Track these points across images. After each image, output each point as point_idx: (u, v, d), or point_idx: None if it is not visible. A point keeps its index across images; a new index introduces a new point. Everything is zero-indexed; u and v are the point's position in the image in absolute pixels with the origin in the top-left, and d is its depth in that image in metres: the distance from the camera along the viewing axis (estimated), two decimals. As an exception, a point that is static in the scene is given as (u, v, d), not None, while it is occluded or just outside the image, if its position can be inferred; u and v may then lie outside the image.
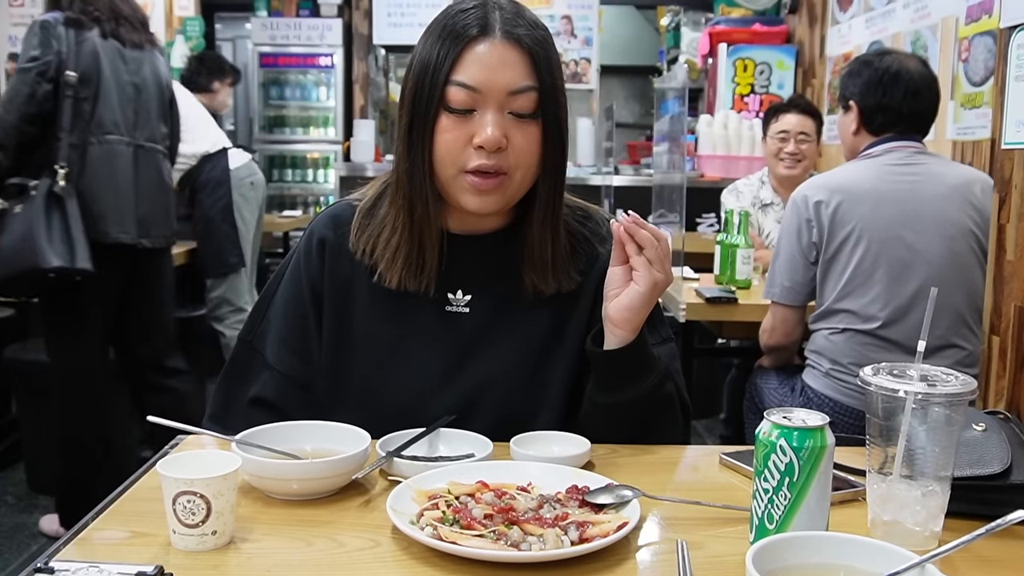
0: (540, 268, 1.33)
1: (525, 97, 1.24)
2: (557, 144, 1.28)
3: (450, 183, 1.27)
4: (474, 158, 1.24)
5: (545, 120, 1.26)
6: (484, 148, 1.22)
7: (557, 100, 1.27)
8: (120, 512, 1.07)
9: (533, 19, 1.28)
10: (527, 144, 1.25)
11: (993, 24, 2.91)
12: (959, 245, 2.31)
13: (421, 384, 1.34)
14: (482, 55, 1.23)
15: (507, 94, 1.23)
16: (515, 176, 1.26)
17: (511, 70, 1.23)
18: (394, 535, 1.01)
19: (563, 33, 6.22)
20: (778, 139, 3.47)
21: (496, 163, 1.23)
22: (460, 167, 1.25)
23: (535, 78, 1.24)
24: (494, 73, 1.22)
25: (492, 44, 1.23)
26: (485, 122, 1.22)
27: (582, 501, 1.07)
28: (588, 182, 5.10)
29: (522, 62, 1.24)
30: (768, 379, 2.65)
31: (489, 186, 1.25)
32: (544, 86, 1.25)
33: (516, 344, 1.35)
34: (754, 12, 5.45)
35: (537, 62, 1.25)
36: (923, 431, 0.99)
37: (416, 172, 1.28)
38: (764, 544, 0.83)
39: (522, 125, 1.25)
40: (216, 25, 7.40)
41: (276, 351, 1.38)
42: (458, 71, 1.23)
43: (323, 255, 1.37)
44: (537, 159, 1.27)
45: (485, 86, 1.22)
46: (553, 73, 1.27)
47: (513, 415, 1.32)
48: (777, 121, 3.49)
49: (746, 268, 3.00)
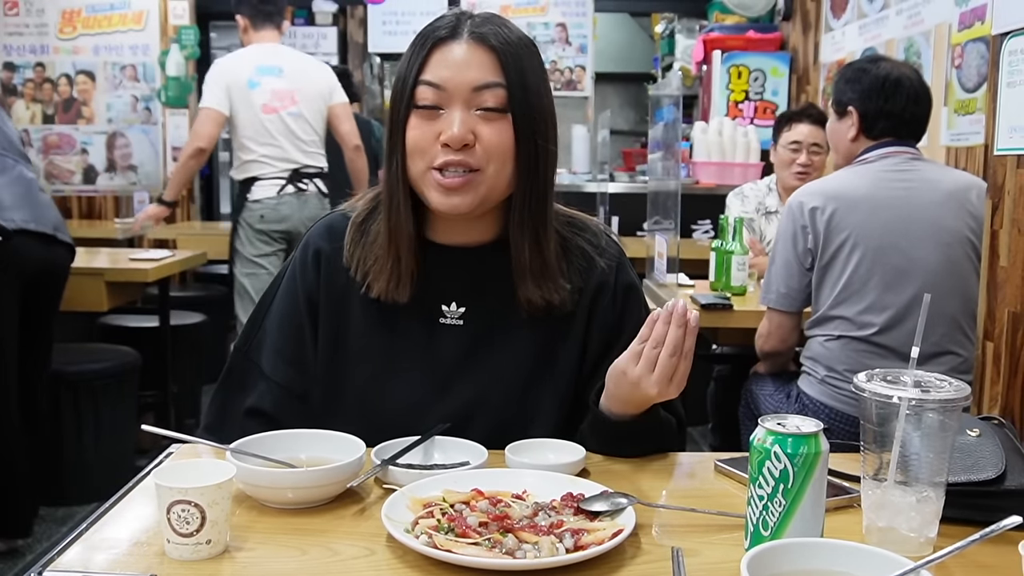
0: (523, 276, 1.32)
1: (491, 93, 1.25)
2: (531, 145, 1.28)
3: (419, 181, 1.28)
4: (441, 155, 1.25)
5: (516, 118, 1.26)
6: (450, 145, 1.23)
7: (528, 100, 1.27)
8: (115, 521, 1.07)
9: (509, 26, 1.30)
10: (496, 139, 1.25)
11: (986, 31, 2.92)
12: (955, 252, 2.31)
13: (415, 396, 1.34)
14: (448, 55, 1.26)
15: (471, 90, 1.24)
16: (487, 172, 1.26)
17: (476, 68, 1.25)
18: (389, 543, 1.01)
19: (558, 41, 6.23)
20: (790, 150, 3.44)
21: (463, 159, 1.24)
22: (428, 164, 1.26)
23: (501, 75, 1.25)
24: (459, 71, 1.25)
25: (458, 44, 1.26)
26: (451, 120, 1.24)
27: (577, 509, 1.07)
28: (583, 189, 5.11)
29: (488, 60, 1.26)
30: (764, 385, 2.65)
31: (455, 184, 1.25)
32: (512, 84, 1.26)
33: (510, 358, 1.35)
34: (748, 19, 5.46)
35: (504, 60, 1.26)
36: (917, 437, 0.99)
37: (392, 176, 1.30)
38: (759, 551, 0.83)
39: (490, 121, 1.26)
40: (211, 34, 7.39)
41: (272, 362, 1.38)
42: (425, 72, 1.26)
43: (319, 266, 1.37)
44: (510, 156, 1.27)
45: (450, 83, 1.24)
46: (524, 73, 1.27)
47: (506, 429, 1.31)
48: (789, 131, 3.44)
49: (741, 274, 3.00)
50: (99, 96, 5.91)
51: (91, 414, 3.33)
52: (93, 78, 5.90)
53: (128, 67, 5.91)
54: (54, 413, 3.26)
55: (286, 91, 3.87)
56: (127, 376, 3.48)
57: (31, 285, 2.90)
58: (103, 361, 3.42)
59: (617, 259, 1.42)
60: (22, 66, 5.89)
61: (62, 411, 3.29)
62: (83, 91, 5.90)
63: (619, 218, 4.68)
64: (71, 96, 5.91)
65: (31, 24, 5.86)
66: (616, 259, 1.41)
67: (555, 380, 1.36)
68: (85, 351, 3.56)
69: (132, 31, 5.88)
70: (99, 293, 3.45)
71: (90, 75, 5.89)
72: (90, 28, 5.85)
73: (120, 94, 5.90)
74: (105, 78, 5.90)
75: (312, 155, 3.92)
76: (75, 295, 3.23)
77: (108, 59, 5.89)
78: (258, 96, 3.83)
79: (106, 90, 5.91)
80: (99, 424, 3.36)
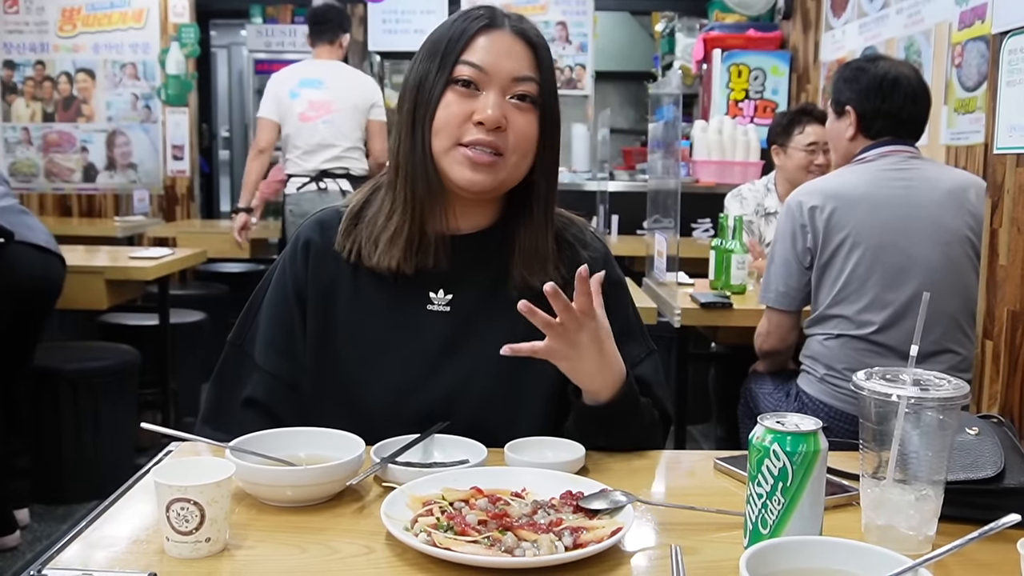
0: (533, 261, 1.35)
1: (527, 86, 1.31)
2: (552, 138, 1.35)
3: (443, 156, 1.30)
4: (472, 132, 1.29)
5: (543, 112, 1.32)
6: (484, 124, 1.27)
7: (554, 97, 1.35)
8: (114, 519, 1.07)
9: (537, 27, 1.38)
10: (526, 128, 1.31)
11: (986, 29, 2.92)
12: (954, 250, 2.31)
13: (402, 382, 1.35)
14: (492, 41, 1.31)
15: (511, 80, 1.30)
16: (510, 159, 1.30)
17: (517, 59, 1.31)
18: (388, 541, 1.01)
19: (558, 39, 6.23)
20: (807, 151, 3.40)
21: (493, 140, 1.28)
22: (456, 139, 1.29)
23: (537, 71, 1.32)
24: (501, 58, 1.30)
25: (501, 33, 1.32)
26: (488, 102, 1.28)
27: (576, 507, 1.07)
28: (583, 187, 5.11)
29: (527, 54, 1.32)
30: (763, 384, 2.65)
31: (484, 160, 1.28)
32: (545, 80, 1.32)
33: (497, 343, 1.35)
34: (748, 18, 5.46)
35: (540, 57, 1.33)
36: (916, 435, 1.00)
37: (417, 149, 1.32)
38: (758, 549, 0.83)
39: (522, 111, 1.31)
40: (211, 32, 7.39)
41: (264, 352, 1.39)
42: (468, 53, 1.30)
43: (308, 257, 1.40)
44: (533, 147, 1.33)
45: (492, 68, 1.29)
46: (551, 72, 1.35)
47: (493, 414, 1.33)
48: (802, 133, 3.41)
49: (741, 273, 3.00)
50: (99, 94, 5.92)
51: (91, 412, 3.33)
52: (93, 76, 5.90)
53: (128, 65, 5.91)
54: (53, 410, 3.26)
55: (323, 101, 4.27)
56: (127, 374, 3.48)
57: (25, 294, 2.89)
58: (103, 359, 3.42)
59: (603, 253, 1.46)
60: (22, 64, 5.89)
61: (61, 409, 3.29)
62: (83, 89, 5.91)
63: (619, 216, 4.68)
64: (71, 94, 5.91)
65: (31, 22, 5.86)
66: (601, 253, 1.45)
67: (542, 363, 1.36)
68: (85, 349, 3.56)
69: (132, 29, 5.88)
70: (99, 291, 3.45)
71: (90, 73, 5.90)
72: (90, 26, 5.85)
73: (120, 92, 5.90)
74: (105, 76, 5.90)
75: (343, 159, 4.29)
76: (75, 293, 3.22)
77: (108, 57, 5.89)
78: (297, 105, 4.26)
79: (106, 88, 5.91)
80: (99, 422, 3.35)
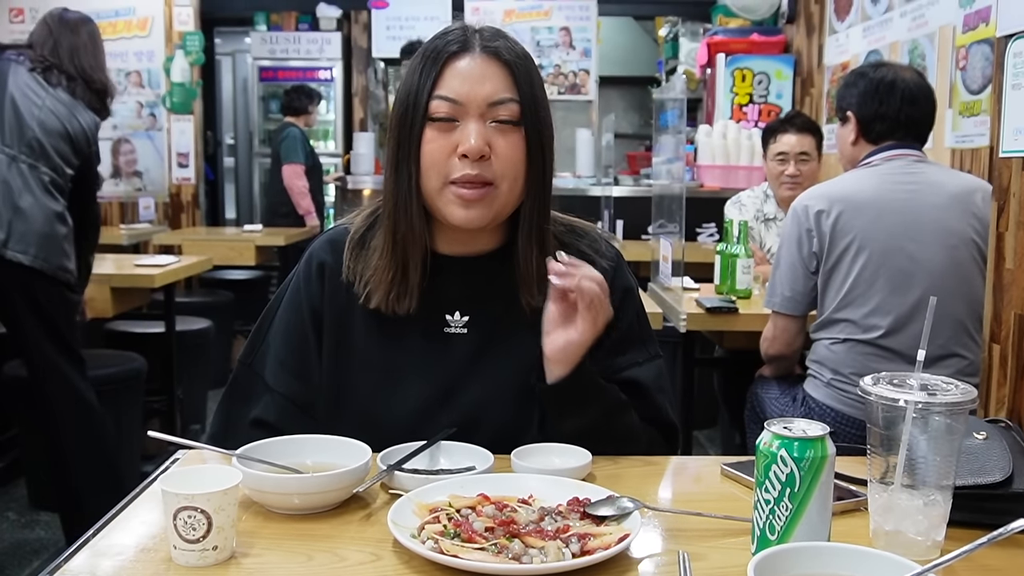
0: (529, 284, 1.33)
1: (506, 108, 1.26)
2: (540, 157, 1.30)
3: (436, 197, 1.28)
4: (458, 168, 1.25)
5: (527, 131, 1.28)
6: (468, 156, 1.24)
7: (538, 113, 1.29)
8: (121, 527, 1.07)
9: (515, 41, 1.32)
10: (511, 152, 1.27)
11: (990, 32, 2.92)
12: (960, 254, 2.31)
13: (418, 405, 1.34)
14: (463, 69, 1.26)
15: (488, 105, 1.26)
16: (502, 186, 1.27)
17: (491, 82, 1.26)
18: (395, 549, 1.01)
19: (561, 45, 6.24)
20: (777, 161, 3.42)
21: (480, 172, 1.25)
22: (445, 178, 1.26)
23: (515, 90, 1.27)
24: (475, 85, 1.25)
25: (472, 58, 1.27)
26: (468, 132, 1.25)
27: (583, 513, 1.06)
28: (587, 193, 5.11)
29: (501, 74, 1.27)
30: (769, 389, 2.64)
31: (474, 196, 1.26)
32: (525, 98, 1.27)
33: (513, 365, 1.35)
34: (752, 22, 5.46)
35: (517, 74, 1.28)
36: (924, 440, 0.99)
37: (402, 189, 1.29)
38: (766, 555, 0.83)
39: (505, 134, 1.27)
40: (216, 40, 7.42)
41: (276, 373, 1.38)
42: (440, 86, 1.26)
43: (323, 279, 1.38)
44: (523, 169, 1.29)
45: (466, 97, 1.25)
46: (534, 86, 1.29)
47: (509, 436, 1.31)
48: (776, 142, 3.42)
49: (746, 278, 3.00)
50: (104, 102, 5.93)
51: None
52: (98, 84, 5.91)
53: (133, 73, 5.93)
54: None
55: None
56: (133, 382, 3.48)
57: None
58: (109, 367, 3.42)
59: (615, 261, 1.44)
60: (27, 73, 5.90)
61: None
62: (88, 97, 5.91)
63: (623, 222, 4.68)
64: (76, 103, 5.92)
65: (36, 31, 5.87)
66: (614, 260, 1.43)
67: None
68: (91, 357, 3.53)
69: (137, 37, 5.90)
70: (105, 299, 3.46)
71: (95, 81, 5.91)
72: (95, 35, 5.86)
73: (125, 100, 5.91)
74: (110, 84, 5.92)
75: None
76: (81, 301, 3.23)
77: (113, 65, 5.87)
78: None
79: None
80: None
